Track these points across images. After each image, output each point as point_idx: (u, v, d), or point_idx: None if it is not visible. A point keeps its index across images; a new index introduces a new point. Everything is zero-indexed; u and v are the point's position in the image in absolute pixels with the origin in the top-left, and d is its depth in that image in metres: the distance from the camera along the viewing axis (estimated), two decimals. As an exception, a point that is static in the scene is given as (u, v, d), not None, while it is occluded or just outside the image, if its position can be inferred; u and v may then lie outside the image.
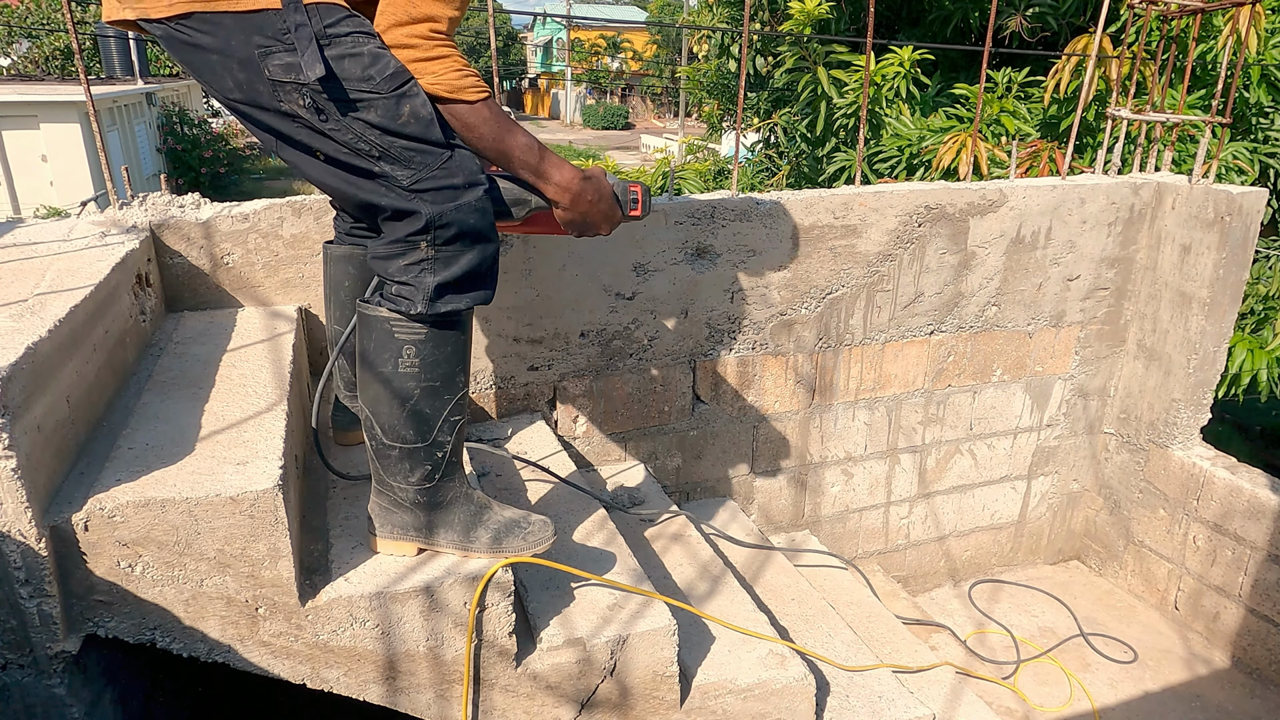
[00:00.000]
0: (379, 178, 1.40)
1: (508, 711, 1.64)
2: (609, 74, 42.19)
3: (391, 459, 1.51)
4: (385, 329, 1.45)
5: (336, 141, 1.39)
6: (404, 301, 1.44)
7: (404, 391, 1.47)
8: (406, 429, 1.49)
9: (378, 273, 1.48)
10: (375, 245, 1.47)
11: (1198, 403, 3.18)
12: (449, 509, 1.56)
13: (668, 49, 38.08)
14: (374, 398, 1.49)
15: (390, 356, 1.46)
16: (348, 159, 1.40)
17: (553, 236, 2.44)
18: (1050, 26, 4.94)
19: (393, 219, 1.43)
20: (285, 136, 1.42)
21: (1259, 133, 4.68)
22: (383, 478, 1.53)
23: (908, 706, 2.02)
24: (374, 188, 1.42)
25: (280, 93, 1.35)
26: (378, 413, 1.49)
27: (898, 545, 3.40)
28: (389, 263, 1.45)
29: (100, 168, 5.20)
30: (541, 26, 48.11)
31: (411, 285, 1.43)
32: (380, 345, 1.46)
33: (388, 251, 1.44)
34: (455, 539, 1.56)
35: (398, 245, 1.43)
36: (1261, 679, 3.00)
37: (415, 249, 1.43)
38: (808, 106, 5.29)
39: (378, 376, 1.47)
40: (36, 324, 1.38)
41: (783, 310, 2.81)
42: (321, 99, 1.35)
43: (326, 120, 1.37)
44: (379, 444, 1.51)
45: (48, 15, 20.17)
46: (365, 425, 1.51)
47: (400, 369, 1.46)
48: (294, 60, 1.32)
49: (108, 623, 1.40)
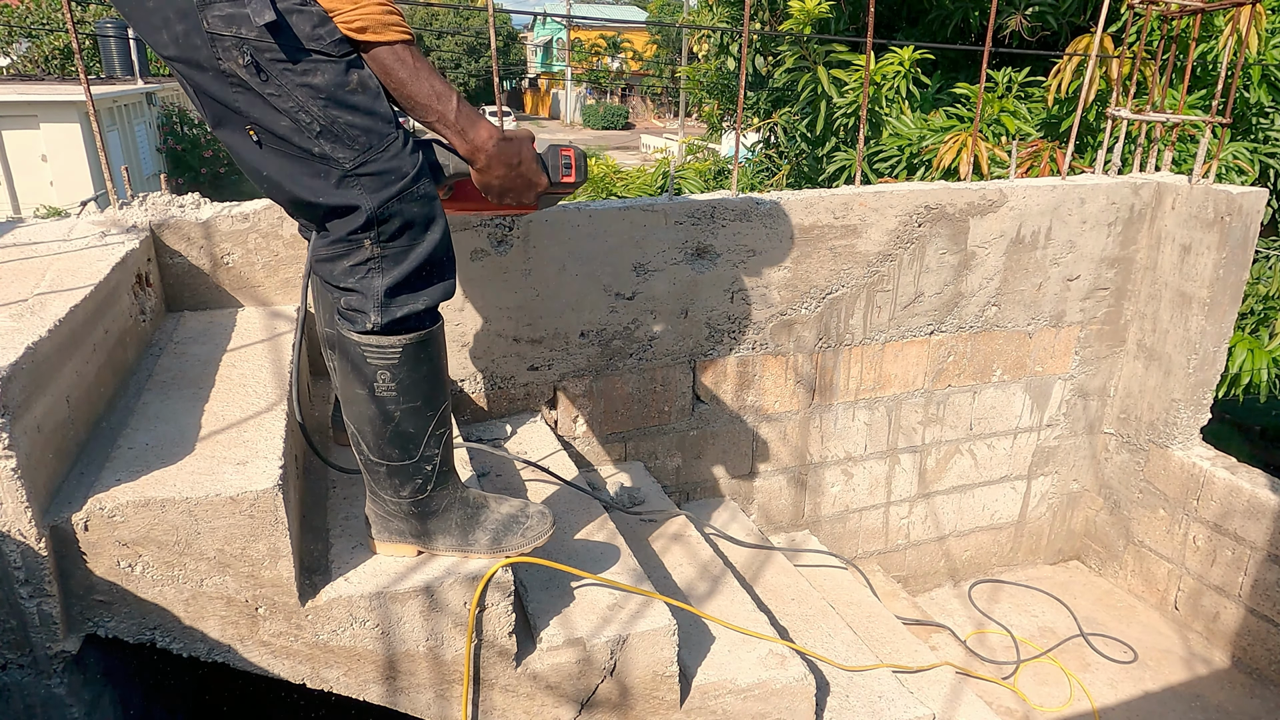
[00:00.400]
0: (317, 160, 1.28)
1: (508, 711, 1.64)
2: (609, 74, 42.19)
3: (380, 475, 1.48)
4: (357, 354, 1.38)
5: (275, 109, 1.25)
6: (357, 315, 1.36)
7: (384, 414, 1.42)
8: (391, 448, 1.45)
9: (321, 278, 1.38)
10: (316, 247, 1.36)
11: (1198, 403, 3.18)
12: (444, 515, 1.54)
13: (668, 49, 38.09)
14: (356, 417, 1.45)
15: (365, 381, 1.40)
16: (285, 134, 1.27)
17: (551, 239, 2.44)
18: (1050, 26, 4.93)
19: (332, 215, 1.32)
20: (221, 104, 1.28)
21: (1259, 133, 4.68)
22: (374, 489, 1.51)
23: (908, 706, 2.02)
24: (311, 174, 1.29)
25: (219, 49, 1.22)
26: (362, 431, 1.45)
27: (898, 545, 3.40)
28: (333, 265, 1.35)
29: (100, 168, 5.19)
30: (541, 26, 48.10)
31: (359, 292, 1.35)
32: (355, 369, 1.40)
33: (330, 253, 1.34)
34: (453, 543, 1.55)
35: (340, 245, 1.33)
36: (1261, 679, 3.00)
37: (359, 248, 1.33)
38: (808, 106, 5.29)
39: (357, 398, 1.43)
40: (36, 324, 1.38)
41: (783, 310, 2.81)
42: (263, 57, 1.22)
43: (267, 82, 1.24)
44: (366, 460, 1.48)
45: (47, 15, 20.17)
46: (352, 440, 1.48)
47: (378, 393, 1.41)
48: (236, 11, 1.20)
49: (108, 623, 1.40)
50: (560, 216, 2.44)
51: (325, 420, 2.07)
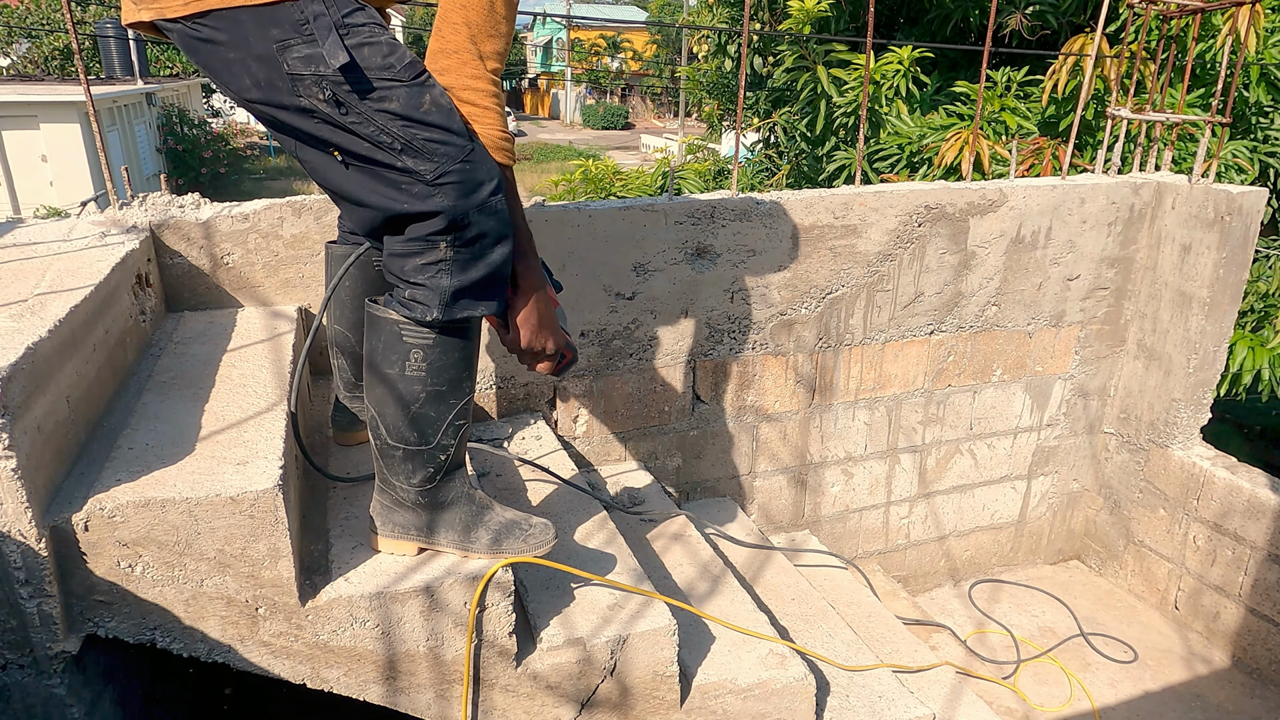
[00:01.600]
0: (401, 173, 1.35)
1: (508, 711, 1.64)
2: (609, 74, 42.19)
3: (395, 459, 1.51)
4: (394, 331, 1.44)
5: (358, 135, 1.34)
6: (418, 306, 1.41)
7: (410, 394, 1.46)
8: (410, 431, 1.48)
9: (390, 272, 1.44)
10: (392, 242, 1.41)
11: (1198, 402, 3.18)
12: (450, 509, 1.56)
13: (668, 49, 38.09)
14: (380, 398, 1.48)
15: (398, 359, 1.45)
16: (369, 153, 1.35)
17: (551, 239, 2.44)
18: (1050, 25, 4.93)
19: (412, 220, 1.38)
20: (304, 135, 1.38)
21: (1259, 132, 4.68)
22: (386, 477, 1.53)
23: (908, 706, 2.02)
24: (394, 188, 1.36)
25: (299, 87, 1.31)
26: (383, 413, 1.49)
27: (898, 545, 3.40)
28: (404, 261, 1.40)
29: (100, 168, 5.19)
30: (541, 26, 48.11)
31: (427, 288, 1.40)
32: (388, 347, 1.45)
33: (405, 249, 1.40)
34: (455, 539, 1.57)
35: (416, 244, 1.39)
36: (1261, 678, 3.00)
37: (434, 249, 1.38)
38: (807, 106, 5.29)
39: (384, 378, 1.47)
40: (36, 324, 1.38)
41: (783, 310, 2.81)
42: (342, 90, 1.31)
43: (347, 114, 1.33)
44: (383, 443, 1.51)
45: (47, 15, 20.17)
46: (370, 424, 1.52)
47: (407, 372, 1.45)
48: (313, 52, 1.30)
49: (108, 623, 1.40)
50: (560, 216, 2.44)
51: (325, 419, 2.07)
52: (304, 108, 1.33)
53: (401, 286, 1.43)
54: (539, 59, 49.30)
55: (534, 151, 28.51)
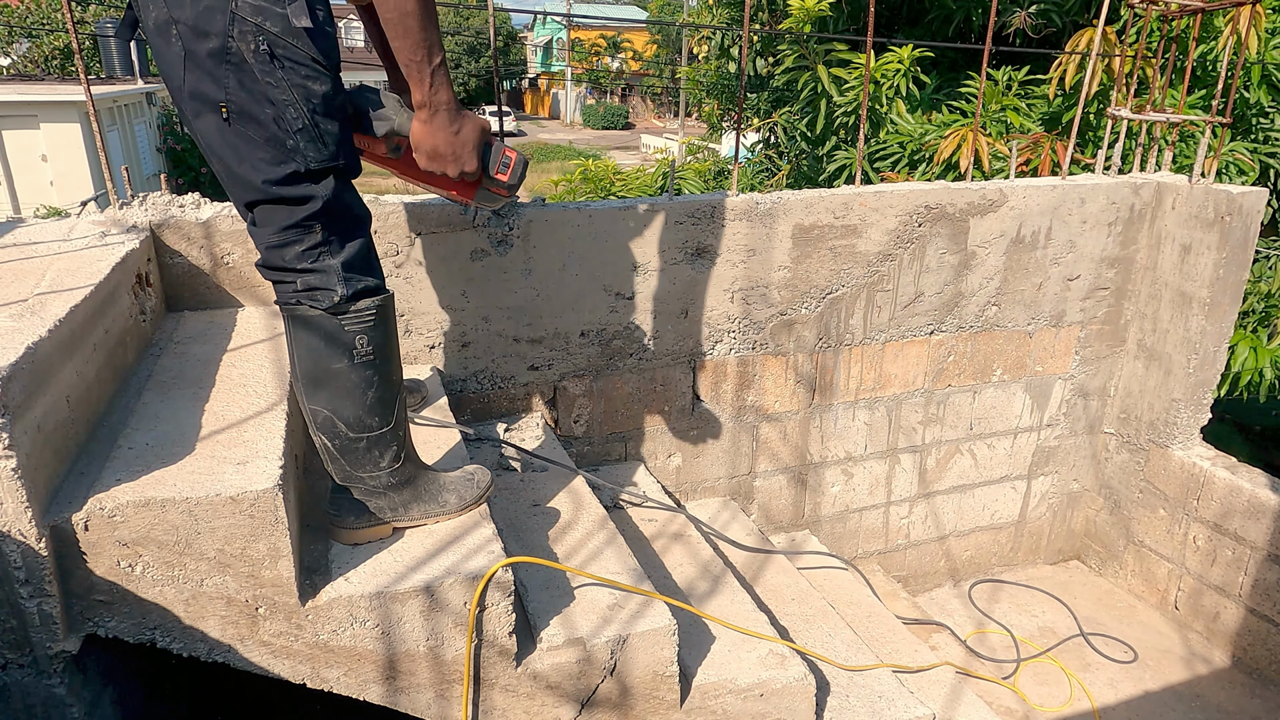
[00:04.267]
0: (285, 150, 1.36)
1: (508, 711, 1.64)
2: (609, 74, 42.19)
3: (359, 451, 1.52)
4: (332, 325, 1.44)
5: (266, 97, 1.32)
6: (320, 292, 1.43)
7: (366, 380, 1.48)
8: (372, 417, 1.51)
9: (271, 266, 1.43)
10: (264, 234, 1.41)
11: (1198, 402, 3.18)
12: (415, 484, 1.61)
13: (668, 49, 38.10)
14: (332, 397, 1.48)
15: (343, 351, 1.46)
16: (264, 120, 1.34)
17: (551, 239, 2.44)
18: (1054, 23, 4.93)
19: (283, 202, 1.39)
20: (207, 75, 1.32)
21: (1259, 133, 4.67)
22: (349, 473, 1.54)
23: (908, 706, 2.02)
24: (270, 161, 1.36)
25: (235, 29, 1.29)
26: (338, 410, 1.49)
27: (898, 545, 3.40)
28: (284, 251, 1.41)
29: (100, 167, 5.19)
30: (541, 26, 48.12)
31: (319, 272, 1.42)
32: (331, 341, 1.45)
33: (281, 239, 1.41)
34: (427, 509, 1.62)
35: (292, 231, 1.40)
36: (1261, 678, 3.00)
37: (310, 233, 1.41)
38: (808, 105, 5.29)
39: (334, 374, 1.47)
40: (36, 324, 1.38)
41: (783, 310, 2.81)
42: (278, 51, 1.31)
43: (269, 73, 1.31)
44: (343, 440, 1.51)
45: (47, 15, 20.17)
46: (323, 427, 1.50)
47: (358, 359, 1.47)
48: (267, 6, 1.29)
49: (108, 623, 1.40)
50: (560, 216, 2.44)
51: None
52: (228, 48, 1.30)
53: (290, 279, 1.43)
54: (539, 59, 49.30)
55: (534, 151, 28.51)
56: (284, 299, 1.46)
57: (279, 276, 1.45)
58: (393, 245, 2.31)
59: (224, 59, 1.31)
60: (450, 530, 1.64)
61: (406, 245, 2.32)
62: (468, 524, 1.65)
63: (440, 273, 2.38)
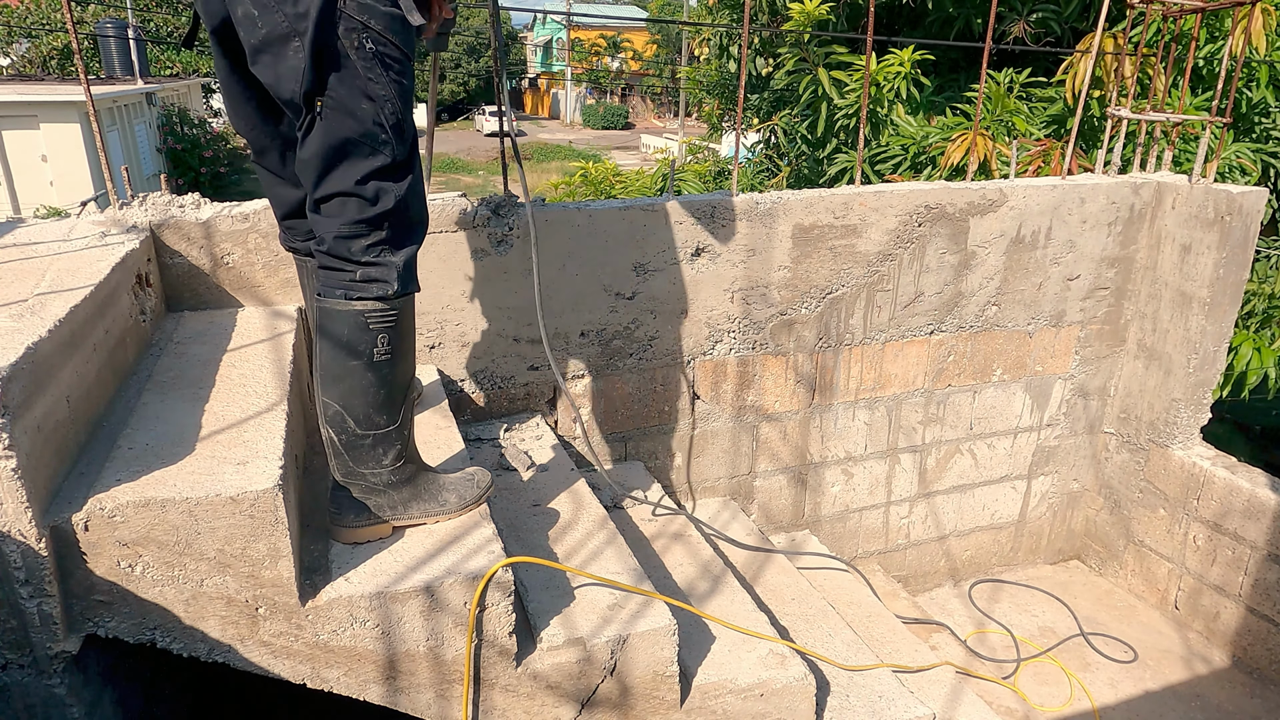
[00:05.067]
0: (378, 145, 1.42)
1: (508, 711, 1.64)
2: (609, 74, 42.20)
3: (364, 448, 1.55)
4: (359, 322, 1.48)
5: (365, 94, 1.39)
6: (377, 285, 1.47)
7: (380, 379, 1.52)
8: (380, 415, 1.54)
9: (336, 255, 1.47)
10: (332, 224, 1.45)
11: (1198, 402, 3.18)
12: (415, 482, 1.63)
13: (667, 48, 38.10)
14: (347, 391, 1.51)
15: (365, 347, 1.49)
16: (361, 115, 1.40)
17: (551, 238, 2.44)
18: (1054, 31, 4.93)
19: (361, 197, 1.44)
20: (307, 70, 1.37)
21: (1261, 132, 4.67)
22: (352, 469, 1.56)
23: (908, 706, 2.02)
24: (361, 155, 1.42)
25: (342, 27, 1.35)
26: (350, 406, 1.51)
27: (898, 545, 3.40)
28: (351, 243, 1.46)
29: (100, 168, 5.19)
30: (541, 26, 48.11)
31: (380, 265, 1.47)
32: (355, 338, 1.48)
33: (351, 231, 1.45)
34: (428, 508, 1.63)
35: (362, 225, 1.45)
36: (1261, 678, 3.00)
37: (378, 229, 1.46)
38: (808, 108, 5.29)
39: (351, 370, 1.50)
40: (36, 324, 1.38)
41: (783, 310, 2.81)
42: (381, 50, 1.38)
43: (371, 69, 1.38)
44: (351, 436, 1.53)
45: (47, 15, 20.17)
46: (332, 421, 1.53)
47: (375, 358, 1.50)
48: (372, 5, 1.36)
49: (108, 623, 1.40)
50: (560, 216, 2.44)
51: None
52: (336, 47, 1.36)
53: (349, 269, 1.47)
54: (539, 59, 49.29)
55: (534, 152, 28.50)
56: (329, 288, 1.49)
57: (339, 265, 1.48)
58: (393, 245, 2.30)
59: (332, 55, 1.37)
60: (450, 530, 1.64)
61: (406, 245, 2.32)
62: (468, 524, 1.65)
63: (440, 273, 2.38)
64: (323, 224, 1.47)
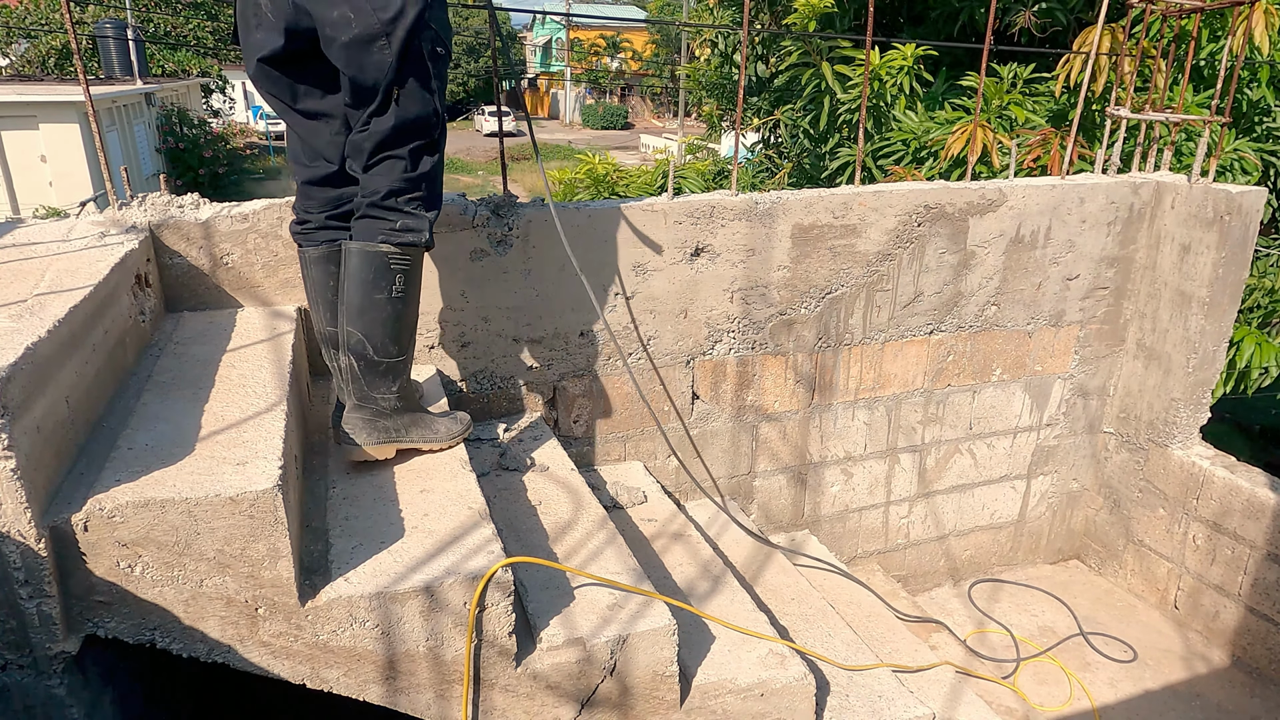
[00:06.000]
0: (431, 125, 1.72)
1: (508, 711, 1.64)
2: (608, 74, 42.19)
3: (378, 373, 1.80)
4: (383, 262, 1.74)
5: (429, 87, 1.70)
6: (412, 234, 1.75)
7: (395, 313, 1.78)
8: (393, 345, 1.80)
9: (383, 205, 1.72)
10: (386, 181, 1.71)
11: (1197, 402, 3.18)
12: (413, 410, 1.89)
13: (667, 49, 38.10)
14: (370, 322, 1.76)
15: (386, 284, 1.75)
16: (426, 101, 1.70)
17: (551, 239, 2.44)
18: (1059, 21, 4.92)
19: (410, 159, 1.72)
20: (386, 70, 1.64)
21: (1261, 130, 4.67)
22: (366, 393, 1.81)
23: (908, 706, 2.02)
24: (419, 132, 1.72)
25: (426, 30, 1.67)
26: (371, 335, 1.77)
27: (898, 545, 3.40)
28: (399, 197, 1.73)
29: (99, 168, 5.19)
30: (541, 26, 48.10)
31: (418, 217, 1.75)
32: (379, 276, 1.74)
33: (402, 186, 1.72)
34: (424, 434, 1.89)
35: (408, 183, 1.73)
36: (1261, 678, 3.01)
37: (418, 189, 1.75)
38: (810, 103, 5.28)
39: (374, 303, 1.75)
40: (36, 324, 1.38)
41: (782, 310, 2.81)
42: (440, 49, 1.72)
43: (435, 67, 1.70)
44: (368, 362, 1.78)
45: (47, 15, 20.16)
46: (354, 349, 1.78)
47: (393, 294, 1.76)
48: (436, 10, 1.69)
49: (107, 623, 1.40)
50: (560, 216, 2.44)
51: (325, 419, 2.07)
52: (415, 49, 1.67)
53: (392, 218, 1.74)
54: (539, 59, 49.28)
55: (533, 151, 28.44)
56: (367, 235, 1.74)
57: (383, 214, 1.73)
58: (392, 245, 2.31)
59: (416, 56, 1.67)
60: (450, 530, 1.64)
61: (406, 245, 2.32)
62: (468, 524, 1.65)
63: (440, 273, 2.38)
64: (375, 180, 1.73)
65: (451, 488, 1.78)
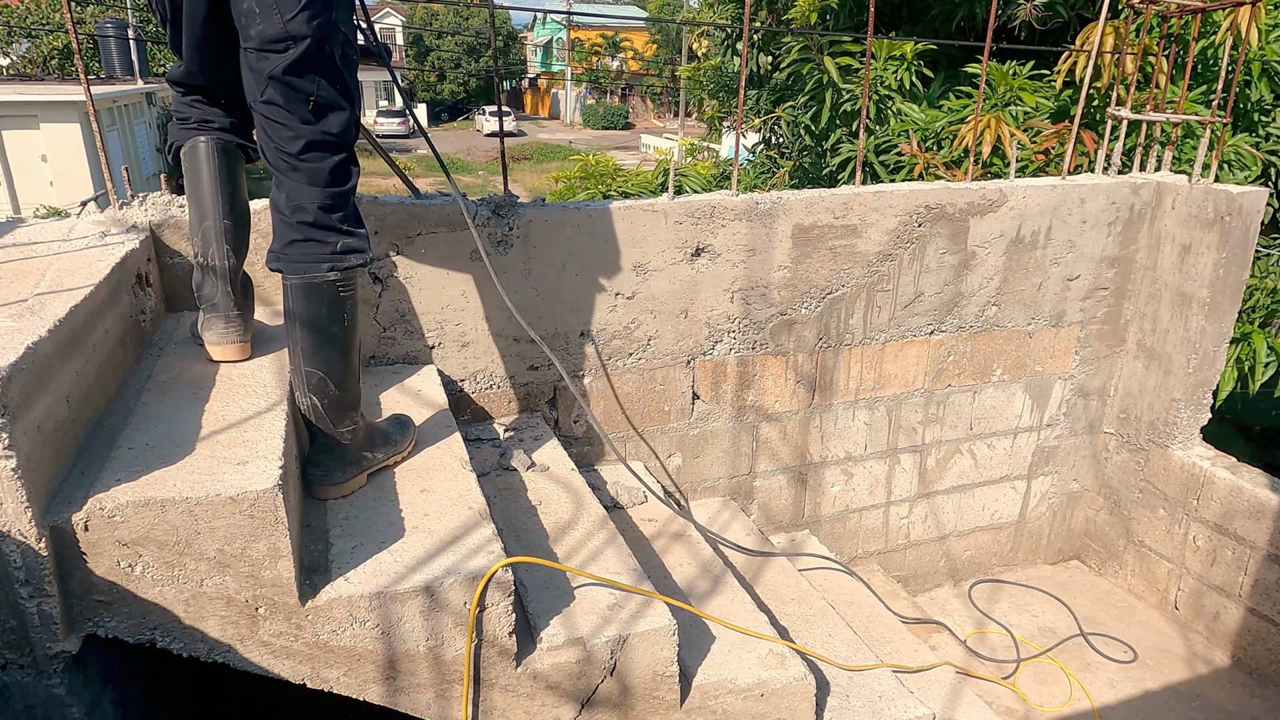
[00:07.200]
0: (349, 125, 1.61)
1: (508, 711, 1.64)
2: (609, 74, 42.21)
3: (342, 408, 1.69)
4: (333, 293, 1.63)
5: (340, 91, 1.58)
6: (355, 255, 1.64)
7: (351, 344, 1.69)
8: (349, 376, 1.70)
9: (318, 224, 1.59)
10: (317, 194, 1.58)
11: (1198, 402, 3.18)
12: (370, 432, 1.79)
13: (667, 48, 38.11)
14: (328, 359, 1.65)
15: (338, 315, 1.64)
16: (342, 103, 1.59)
17: (551, 238, 2.44)
18: (1061, 15, 4.91)
19: (339, 174, 1.61)
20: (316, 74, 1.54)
21: (1261, 129, 4.66)
22: (333, 429, 1.69)
23: (908, 706, 2.02)
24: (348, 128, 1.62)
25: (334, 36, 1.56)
26: (331, 371, 1.65)
27: (898, 545, 3.40)
28: (333, 213, 1.61)
29: (100, 167, 5.19)
30: (541, 26, 48.13)
31: (356, 235, 1.65)
32: (331, 308, 1.63)
33: (335, 202, 1.61)
34: (389, 450, 1.82)
35: (340, 198, 1.61)
36: (1261, 678, 3.00)
37: (349, 203, 1.64)
38: (811, 98, 5.27)
39: (330, 337, 1.64)
40: (36, 324, 1.38)
41: (783, 310, 2.81)
42: (350, 50, 1.60)
43: (348, 68, 1.58)
44: (332, 399, 1.67)
45: (47, 15, 20.17)
46: (316, 389, 1.65)
47: (346, 324, 1.66)
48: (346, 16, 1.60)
49: (108, 623, 1.40)
50: (560, 216, 2.44)
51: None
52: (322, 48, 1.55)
53: (333, 239, 1.61)
54: (539, 59, 49.30)
55: (534, 151, 28.48)
56: (311, 264, 1.60)
57: (322, 235, 1.60)
58: (392, 245, 2.31)
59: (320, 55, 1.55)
60: (450, 530, 1.64)
61: (406, 245, 2.32)
62: (468, 524, 1.65)
63: (440, 273, 2.38)
64: (304, 193, 1.59)
65: (452, 488, 1.78)
